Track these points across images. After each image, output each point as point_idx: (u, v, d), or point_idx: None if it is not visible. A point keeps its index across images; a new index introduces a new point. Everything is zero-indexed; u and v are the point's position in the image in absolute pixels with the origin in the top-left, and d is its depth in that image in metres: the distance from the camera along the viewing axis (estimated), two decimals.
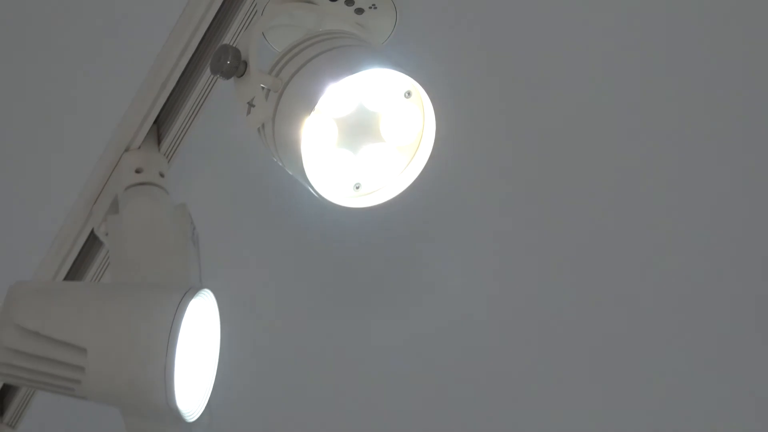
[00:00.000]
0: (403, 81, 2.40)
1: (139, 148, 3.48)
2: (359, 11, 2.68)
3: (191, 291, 2.46)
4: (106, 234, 3.31)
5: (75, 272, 3.70)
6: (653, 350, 5.11)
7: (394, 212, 2.69)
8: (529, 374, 5.12)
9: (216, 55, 2.60)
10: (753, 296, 4.78)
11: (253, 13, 2.76)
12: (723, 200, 4.51)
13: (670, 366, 5.16)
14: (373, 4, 2.65)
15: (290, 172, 2.47)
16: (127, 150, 3.51)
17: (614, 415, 5.35)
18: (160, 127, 3.51)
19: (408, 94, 2.42)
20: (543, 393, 5.17)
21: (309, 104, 2.33)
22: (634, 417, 5.31)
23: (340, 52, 2.44)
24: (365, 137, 2.51)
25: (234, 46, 2.60)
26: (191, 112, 3.33)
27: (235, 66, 2.57)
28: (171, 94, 3.30)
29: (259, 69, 2.52)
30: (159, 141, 3.51)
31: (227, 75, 2.58)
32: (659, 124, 4.36)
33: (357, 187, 2.51)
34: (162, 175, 3.37)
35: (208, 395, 2.62)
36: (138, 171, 3.37)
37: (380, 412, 5.10)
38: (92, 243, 3.55)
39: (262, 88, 2.48)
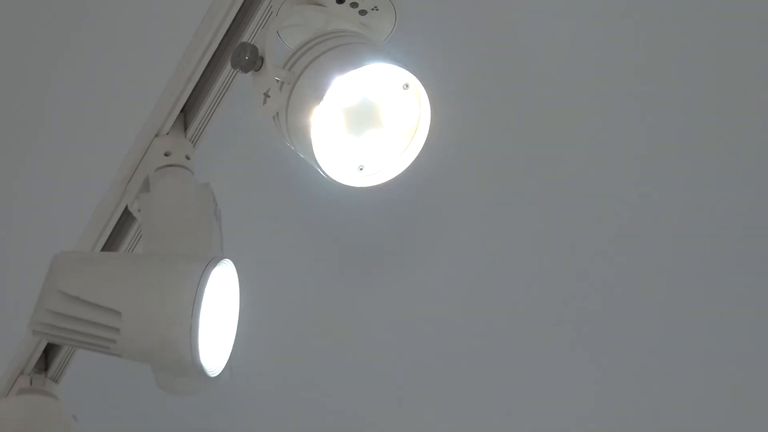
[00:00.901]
0: (402, 74, 2.45)
1: (168, 133, 3.53)
2: (363, 12, 2.72)
3: (214, 261, 2.52)
4: (139, 210, 3.36)
5: (111, 244, 3.76)
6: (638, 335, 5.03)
7: (394, 190, 2.71)
8: (520, 350, 5.12)
9: (236, 51, 2.65)
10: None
11: (268, 14, 2.80)
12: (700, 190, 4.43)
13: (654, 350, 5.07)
14: (375, 6, 2.69)
15: (302, 155, 2.51)
16: (157, 135, 3.56)
17: (601, 396, 5.27)
18: (186, 115, 3.57)
19: (406, 86, 2.46)
20: (533, 370, 5.16)
21: (318, 95, 2.39)
22: (620, 398, 5.24)
23: (346, 49, 2.49)
24: (368, 124, 2.55)
25: (252, 43, 2.66)
26: (214, 102, 3.38)
27: (252, 61, 2.61)
28: (196, 86, 3.35)
29: (274, 64, 2.57)
30: (185, 127, 3.57)
31: (246, 69, 2.62)
32: (654, 118, 4.31)
33: (361, 169, 2.55)
34: (188, 158, 3.43)
35: (229, 353, 2.66)
36: (167, 154, 3.43)
37: (385, 373, 5.13)
38: (126, 218, 3.60)
39: (277, 80, 2.53)
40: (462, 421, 5.34)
